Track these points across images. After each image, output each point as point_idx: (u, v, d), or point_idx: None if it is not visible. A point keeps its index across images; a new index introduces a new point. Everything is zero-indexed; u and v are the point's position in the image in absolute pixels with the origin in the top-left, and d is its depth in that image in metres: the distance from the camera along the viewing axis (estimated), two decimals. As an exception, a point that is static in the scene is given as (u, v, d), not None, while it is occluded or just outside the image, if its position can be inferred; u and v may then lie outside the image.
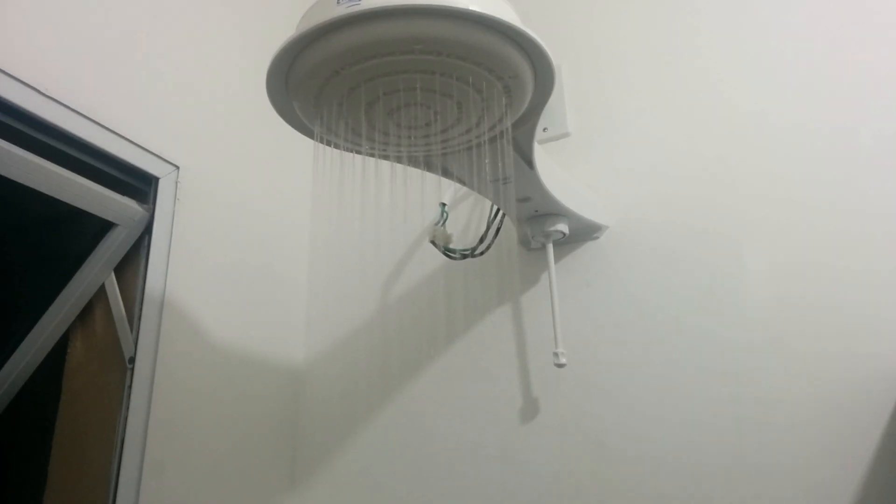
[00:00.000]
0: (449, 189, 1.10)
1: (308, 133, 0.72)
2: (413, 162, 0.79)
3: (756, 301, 0.96)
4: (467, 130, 0.72)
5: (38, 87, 0.87)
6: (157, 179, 1.03)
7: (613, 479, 0.97)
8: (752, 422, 0.92)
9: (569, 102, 1.19)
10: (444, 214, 1.08)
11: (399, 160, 0.77)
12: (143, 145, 1.01)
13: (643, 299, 1.03)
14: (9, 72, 0.84)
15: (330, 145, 0.72)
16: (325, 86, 0.64)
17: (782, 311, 0.94)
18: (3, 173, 0.86)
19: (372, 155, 0.75)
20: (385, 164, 0.79)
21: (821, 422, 0.88)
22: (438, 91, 0.64)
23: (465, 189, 1.12)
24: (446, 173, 0.81)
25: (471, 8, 0.58)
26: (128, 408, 0.94)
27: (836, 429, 0.87)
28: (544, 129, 1.18)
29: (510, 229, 1.10)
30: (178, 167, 1.06)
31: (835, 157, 0.98)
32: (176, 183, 1.05)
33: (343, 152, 0.76)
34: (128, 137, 0.99)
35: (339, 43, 0.59)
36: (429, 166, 0.80)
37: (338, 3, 0.60)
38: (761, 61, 1.07)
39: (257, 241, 1.21)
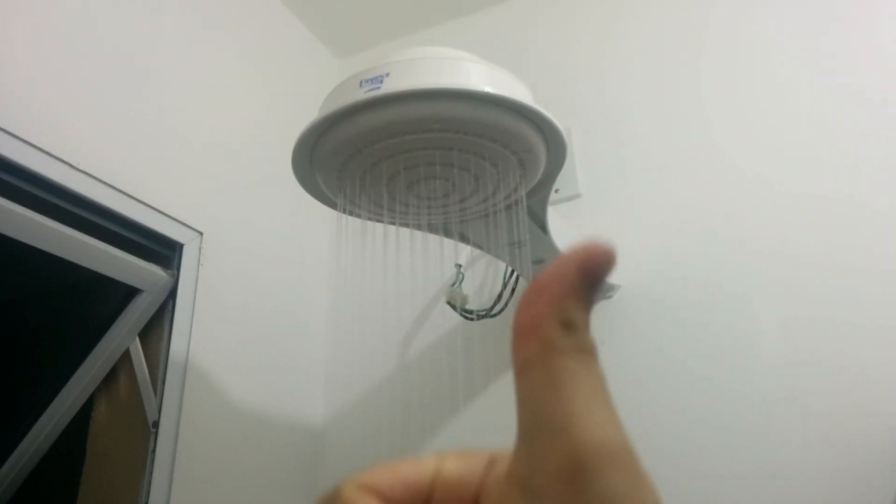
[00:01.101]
0: (464, 251, 1.12)
1: (331, 204, 0.75)
2: (432, 229, 0.81)
3: (770, 359, 0.98)
4: (484, 200, 0.74)
5: (68, 161, 0.91)
6: (181, 246, 1.06)
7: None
8: (770, 478, 0.92)
9: (579, 164, 1.22)
10: (460, 276, 1.10)
11: (419, 228, 0.80)
12: (168, 212, 1.05)
13: (656, 357, 1.04)
14: (41, 147, 0.88)
15: (352, 215, 0.75)
16: (348, 162, 0.67)
17: (796, 369, 0.95)
18: (34, 243, 0.89)
19: (392, 223, 0.78)
20: (404, 229, 0.82)
21: (837, 478, 0.89)
22: (456, 165, 0.67)
23: (479, 251, 1.15)
24: (463, 239, 0.84)
25: (486, 90, 0.62)
26: (151, 471, 0.95)
27: (853, 485, 0.87)
28: (556, 191, 1.21)
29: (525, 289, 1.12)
30: (201, 233, 1.09)
31: (845, 213, 1.00)
32: (199, 248, 1.08)
33: (364, 221, 0.79)
34: (152, 205, 1.02)
35: (362, 124, 0.63)
36: (447, 233, 0.83)
37: (360, 85, 0.64)
38: (771, 120, 1.10)
39: (277, 303, 1.24)
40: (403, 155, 0.66)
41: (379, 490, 0.23)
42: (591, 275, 0.21)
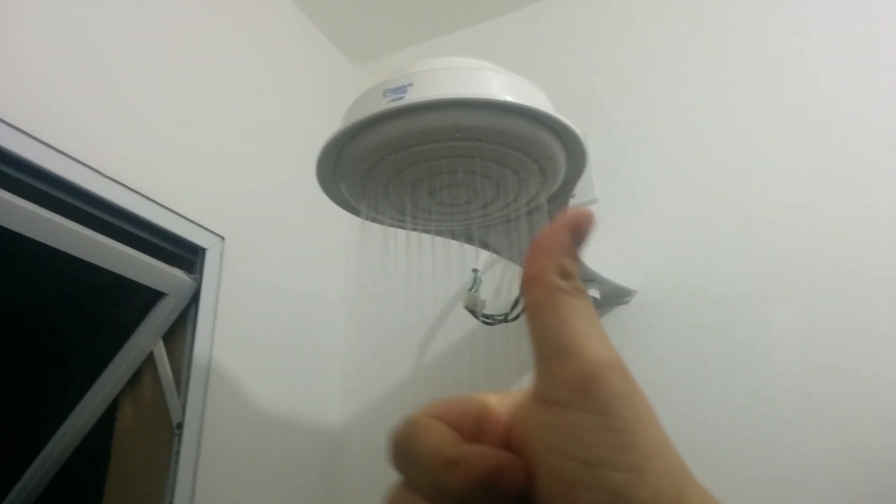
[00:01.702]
0: (480, 256, 1.14)
1: (354, 211, 0.76)
2: (453, 236, 0.83)
3: (787, 365, 0.98)
4: (505, 206, 0.76)
5: (96, 168, 0.93)
6: (204, 250, 1.08)
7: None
8: (787, 485, 0.92)
9: (595, 169, 1.23)
10: (478, 280, 1.11)
11: (440, 234, 0.81)
12: (191, 218, 1.06)
13: (674, 364, 1.05)
14: (70, 153, 0.90)
15: (375, 222, 0.76)
16: (371, 170, 0.68)
17: (814, 374, 0.96)
18: (61, 247, 0.91)
19: (415, 230, 0.79)
20: (421, 234, 0.83)
21: (856, 486, 0.89)
22: (478, 173, 0.68)
23: (495, 255, 1.16)
24: (484, 245, 0.85)
25: (508, 99, 0.63)
26: (175, 473, 0.97)
27: (872, 493, 0.88)
28: (572, 196, 1.21)
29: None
30: (223, 238, 1.11)
31: (865, 218, 1.00)
32: (221, 253, 1.10)
33: (384, 227, 0.80)
34: (177, 211, 1.04)
35: (386, 133, 0.64)
36: (468, 239, 0.84)
37: (383, 95, 0.65)
38: (788, 124, 1.10)
39: (297, 307, 1.25)
40: (426, 163, 0.67)
41: (443, 416, 0.29)
42: (578, 235, 0.28)
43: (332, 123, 0.68)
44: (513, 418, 0.29)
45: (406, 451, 0.28)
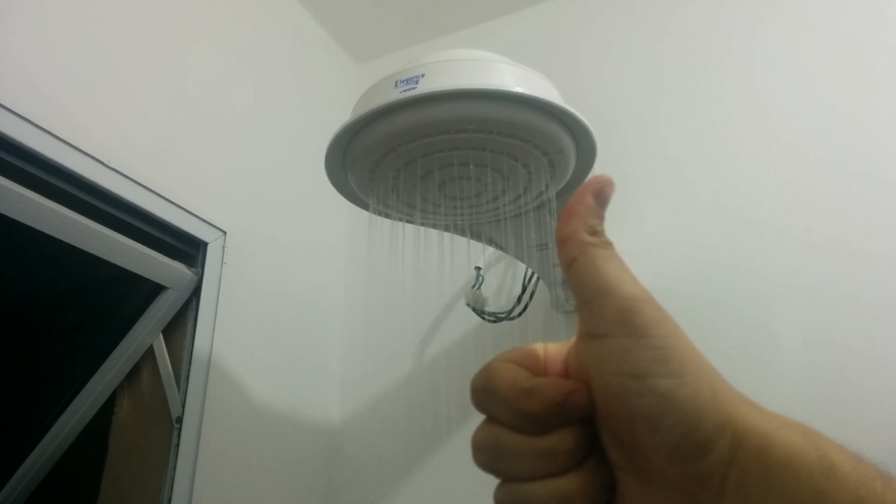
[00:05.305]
0: (483, 253, 1.13)
1: (361, 204, 0.76)
2: (459, 231, 0.82)
3: (790, 369, 0.97)
4: (513, 200, 0.75)
5: (101, 159, 0.93)
6: (205, 244, 1.07)
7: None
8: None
9: (599, 171, 1.23)
10: (480, 278, 1.11)
11: (446, 229, 0.81)
12: (194, 211, 1.06)
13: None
14: (77, 145, 0.90)
15: (382, 216, 0.76)
16: (381, 161, 0.68)
17: (817, 379, 0.95)
18: (64, 238, 0.90)
19: (423, 224, 0.79)
20: (411, 227, 0.82)
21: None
22: (489, 166, 0.68)
23: (497, 253, 1.16)
24: (490, 241, 0.85)
25: (518, 90, 0.63)
26: (174, 467, 0.96)
27: None
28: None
29: (543, 292, 1.13)
30: (225, 232, 1.10)
31: (872, 221, 1.00)
32: (223, 247, 1.10)
33: (388, 221, 0.80)
34: (179, 204, 1.04)
35: (398, 123, 0.64)
36: (474, 235, 0.84)
37: (395, 86, 0.65)
38: (797, 126, 1.10)
39: (298, 302, 1.25)
40: (437, 154, 0.67)
41: (514, 360, 0.34)
42: (601, 198, 0.32)
43: (335, 120, 0.67)
44: (567, 357, 0.34)
45: (487, 389, 0.33)
